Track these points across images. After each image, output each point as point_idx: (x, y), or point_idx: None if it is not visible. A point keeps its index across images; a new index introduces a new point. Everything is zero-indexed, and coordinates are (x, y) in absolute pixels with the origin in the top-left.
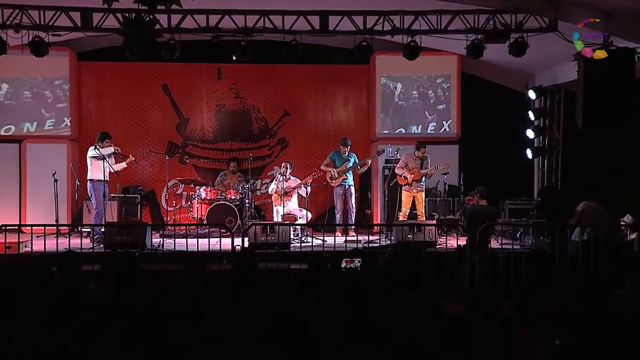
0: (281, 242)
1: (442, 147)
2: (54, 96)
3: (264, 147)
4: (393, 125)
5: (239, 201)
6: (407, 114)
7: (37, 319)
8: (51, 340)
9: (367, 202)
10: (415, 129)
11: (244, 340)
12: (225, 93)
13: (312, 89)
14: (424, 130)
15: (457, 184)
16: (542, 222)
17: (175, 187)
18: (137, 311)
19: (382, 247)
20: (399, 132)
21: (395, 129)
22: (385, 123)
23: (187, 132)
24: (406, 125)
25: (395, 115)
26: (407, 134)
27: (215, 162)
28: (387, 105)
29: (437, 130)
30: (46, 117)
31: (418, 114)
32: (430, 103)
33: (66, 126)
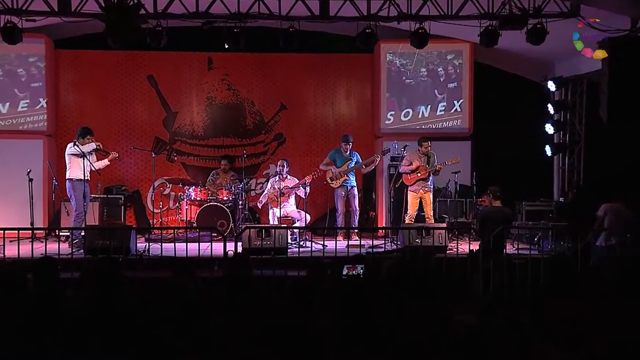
0: (277, 247)
1: (452, 143)
2: (28, 75)
3: (259, 144)
4: (399, 105)
5: (232, 202)
6: (415, 93)
7: (10, 329)
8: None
9: (371, 204)
10: (423, 109)
11: (237, 349)
12: (216, 85)
13: (311, 80)
14: (433, 111)
15: (469, 183)
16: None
17: (162, 187)
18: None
19: (387, 253)
20: (405, 114)
21: (402, 108)
22: (391, 103)
23: (175, 127)
24: (414, 105)
25: (402, 94)
26: (415, 122)
27: (205, 159)
28: (393, 83)
29: (448, 111)
30: (20, 97)
31: (427, 93)
32: (440, 81)
33: (42, 108)
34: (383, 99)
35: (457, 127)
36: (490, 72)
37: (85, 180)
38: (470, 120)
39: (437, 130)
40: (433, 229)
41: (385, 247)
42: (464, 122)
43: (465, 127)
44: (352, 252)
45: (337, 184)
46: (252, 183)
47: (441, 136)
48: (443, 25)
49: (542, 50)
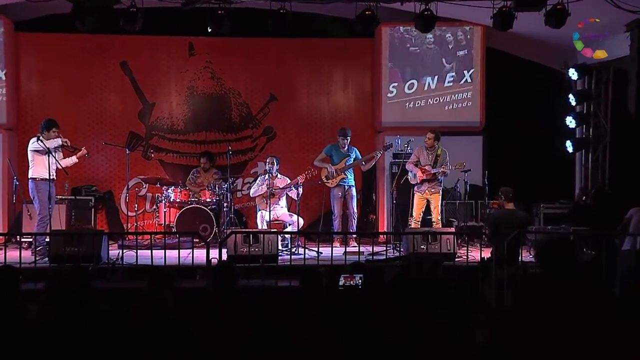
0: (267, 254)
1: (462, 138)
2: None
3: (246, 139)
4: (403, 75)
5: (216, 204)
6: (420, 62)
7: None
8: None
9: (371, 206)
10: (430, 80)
11: None
12: (198, 73)
13: (305, 68)
14: (440, 82)
15: (481, 183)
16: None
17: (138, 187)
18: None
19: (389, 261)
20: (410, 86)
21: (406, 79)
22: (394, 73)
23: (152, 120)
24: (419, 76)
25: (405, 63)
26: (420, 95)
27: (186, 157)
28: (396, 51)
29: (457, 82)
30: None
31: (434, 62)
32: (449, 48)
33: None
34: (385, 59)
35: (468, 121)
36: (505, 59)
37: (51, 180)
38: (482, 113)
39: (445, 123)
40: (440, 234)
41: (387, 255)
42: (475, 112)
43: (477, 120)
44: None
45: (334, 183)
46: (239, 183)
47: (449, 130)
48: (451, 6)
49: (563, 35)
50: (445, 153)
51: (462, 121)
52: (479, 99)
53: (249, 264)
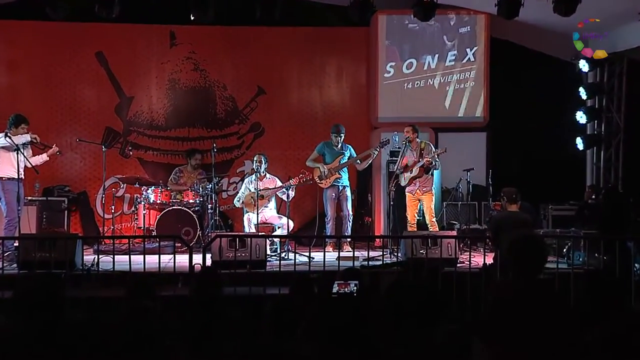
0: (254, 259)
1: (465, 135)
2: None
3: (232, 136)
4: (401, 54)
5: (200, 206)
6: (419, 40)
7: None
8: None
9: (366, 208)
10: (430, 59)
11: None
12: (180, 64)
13: (295, 59)
14: (441, 61)
15: (485, 183)
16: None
17: (115, 187)
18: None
19: (386, 266)
20: (408, 65)
21: (405, 59)
22: (392, 52)
23: (130, 115)
24: (418, 55)
25: (404, 41)
26: (419, 75)
27: (167, 154)
28: (394, 28)
29: (459, 60)
30: None
31: (434, 39)
32: (450, 25)
33: None
34: (381, 37)
35: (471, 116)
36: (510, 49)
37: (19, 179)
38: (486, 108)
39: (446, 119)
40: (441, 238)
41: (384, 260)
42: (479, 107)
43: (480, 115)
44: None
45: (327, 183)
46: (224, 183)
47: (451, 126)
48: None
49: (573, 23)
50: (430, 145)
51: (465, 116)
52: (482, 92)
53: (235, 270)
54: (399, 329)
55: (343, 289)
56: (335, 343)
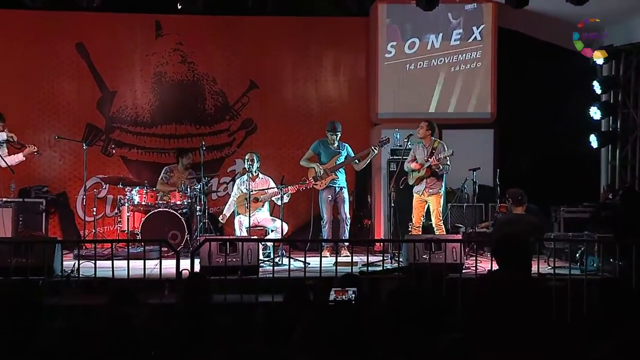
0: (246, 264)
1: (470, 132)
2: None
3: (222, 133)
4: (403, 33)
5: (187, 208)
6: (422, 18)
7: None
8: None
9: (365, 210)
10: (434, 39)
11: None
12: (166, 56)
13: (289, 52)
14: (445, 41)
15: (492, 183)
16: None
17: (97, 188)
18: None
19: (386, 272)
20: (410, 45)
21: (406, 38)
22: (393, 31)
23: (113, 110)
24: (421, 34)
25: (405, 19)
26: (423, 55)
27: (153, 153)
28: (394, 7)
29: (465, 40)
30: None
31: (438, 18)
32: (455, 1)
33: None
34: (382, 15)
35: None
36: (519, 40)
37: None
38: (493, 103)
39: (450, 115)
40: (445, 241)
41: (384, 265)
42: (485, 102)
43: (487, 110)
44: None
45: (323, 184)
46: (214, 183)
47: (455, 123)
48: None
49: (586, 12)
50: (443, 145)
51: (470, 112)
52: (490, 88)
53: (226, 277)
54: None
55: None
56: (332, 354)
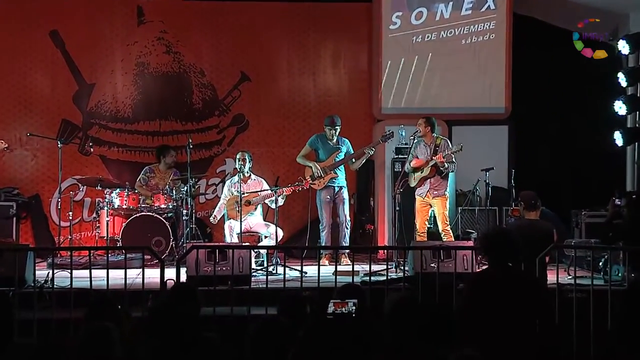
0: (237, 274)
1: (483, 129)
2: None
3: (211, 129)
4: (409, 2)
5: (173, 212)
6: None
7: None
8: None
9: (368, 214)
10: (443, 8)
11: None
12: (150, 46)
13: (285, 40)
14: (456, 10)
15: (506, 185)
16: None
17: (73, 190)
18: None
19: (391, 282)
20: (417, 16)
21: (413, 8)
22: (398, 3)
23: (90, 105)
24: (429, 3)
25: None
26: (430, 26)
27: (135, 151)
28: None
29: (477, 9)
30: None
31: None
32: None
33: None
34: (386, 9)
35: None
36: (536, 27)
37: None
38: (507, 97)
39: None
40: (455, 249)
41: (388, 275)
42: (499, 96)
43: (501, 105)
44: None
45: (321, 184)
46: (202, 185)
47: (466, 118)
48: None
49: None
50: (447, 142)
51: (482, 107)
52: (504, 81)
53: (215, 287)
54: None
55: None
56: None
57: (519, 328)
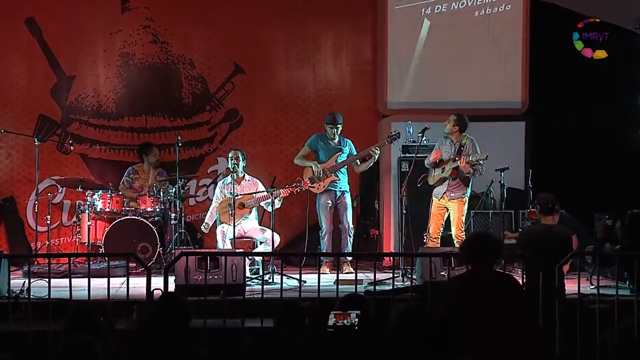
0: (230, 283)
1: (498, 125)
2: None
3: (202, 126)
4: None
5: (160, 215)
6: None
7: None
8: None
9: (372, 218)
10: None
11: None
12: (135, 35)
13: (282, 30)
14: None
15: (523, 186)
16: None
17: (52, 191)
18: None
19: (397, 292)
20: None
21: None
22: None
23: (70, 99)
24: None
25: None
26: None
27: (119, 150)
28: None
29: None
30: None
31: None
32: None
33: None
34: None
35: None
36: (556, 14)
37: None
38: (524, 90)
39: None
40: None
41: (395, 284)
42: (515, 89)
43: (517, 99)
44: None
45: (321, 188)
46: (192, 186)
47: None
48: None
49: None
50: (473, 142)
51: (497, 102)
52: (521, 72)
53: (206, 298)
54: None
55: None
56: None
57: (508, 330)
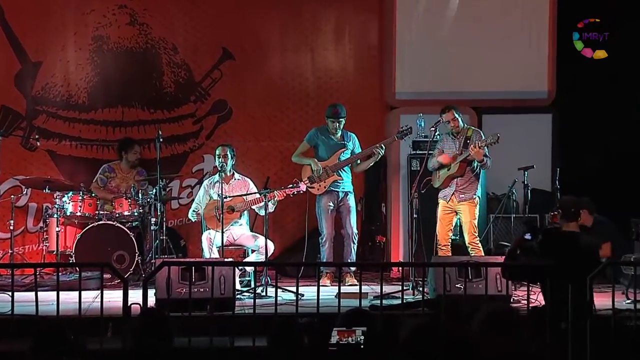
0: (218, 296)
1: (521, 118)
2: None
3: (186, 119)
4: None
5: (139, 220)
6: None
7: None
8: None
9: (379, 223)
10: None
11: None
12: (110, 15)
13: (277, 11)
14: None
15: (550, 187)
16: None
17: (15, 193)
18: None
19: (407, 307)
20: None
21: None
22: None
23: (37, 88)
24: None
25: None
26: None
27: (92, 146)
28: None
29: None
30: None
31: None
32: None
33: None
34: None
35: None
36: None
37: None
38: (551, 79)
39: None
40: (486, 266)
41: (404, 298)
42: (541, 77)
43: (543, 88)
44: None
45: (322, 188)
46: (174, 186)
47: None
48: None
49: None
50: (479, 133)
51: (520, 91)
52: (547, 60)
53: (190, 313)
54: None
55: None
56: None
57: None
